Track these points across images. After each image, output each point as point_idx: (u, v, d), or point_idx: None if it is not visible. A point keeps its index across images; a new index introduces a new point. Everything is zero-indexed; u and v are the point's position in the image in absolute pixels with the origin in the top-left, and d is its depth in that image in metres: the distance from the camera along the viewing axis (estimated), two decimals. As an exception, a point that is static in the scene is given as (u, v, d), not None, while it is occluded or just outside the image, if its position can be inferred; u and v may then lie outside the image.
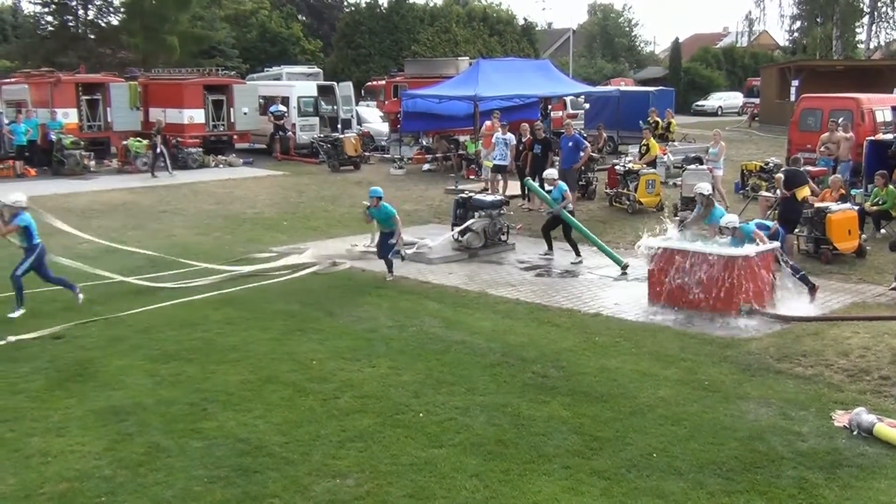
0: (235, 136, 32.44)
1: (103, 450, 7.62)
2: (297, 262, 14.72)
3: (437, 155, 28.59)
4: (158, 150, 26.92)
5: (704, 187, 13.67)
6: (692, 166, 20.85)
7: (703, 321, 11.44)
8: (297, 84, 34.16)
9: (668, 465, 7.37)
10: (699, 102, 58.54)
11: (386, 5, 54.91)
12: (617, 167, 20.73)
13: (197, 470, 7.25)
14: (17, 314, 11.69)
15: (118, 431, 8.00)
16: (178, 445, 7.71)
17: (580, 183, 20.98)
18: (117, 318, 11.61)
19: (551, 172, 16.13)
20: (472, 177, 25.41)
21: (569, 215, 15.19)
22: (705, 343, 10.57)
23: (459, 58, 35.61)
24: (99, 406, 8.59)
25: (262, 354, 10.17)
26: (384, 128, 33.92)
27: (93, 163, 27.61)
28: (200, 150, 29.45)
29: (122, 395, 8.88)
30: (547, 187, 15.51)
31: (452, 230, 16.09)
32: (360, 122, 34.58)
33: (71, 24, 48.78)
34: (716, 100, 59.33)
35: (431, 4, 58.42)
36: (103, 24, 49.51)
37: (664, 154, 23.34)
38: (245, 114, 31.99)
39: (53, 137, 27.20)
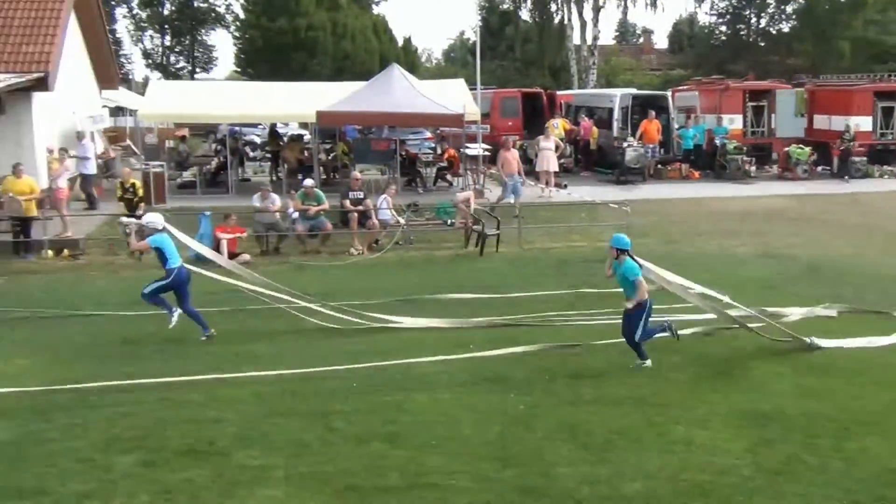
0: (906, 146, 30.31)
1: (743, 450, 7.73)
2: None
3: None
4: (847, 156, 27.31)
5: None
6: None
7: None
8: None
9: None
10: None
11: None
12: None
13: (833, 489, 6.98)
14: (173, 320, 11.36)
15: (759, 435, 8.05)
16: (818, 461, 7.51)
17: None
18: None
19: None
20: None
21: None
22: None
23: None
24: (742, 407, 8.74)
25: None
26: None
27: (753, 168, 28.21)
28: (864, 159, 28.22)
29: (765, 401, 8.93)
30: None
31: None
32: None
33: (742, 32, 50.27)
34: None
35: None
36: (773, 32, 50.07)
37: None
38: (921, 121, 29.67)
39: (718, 142, 28.43)
